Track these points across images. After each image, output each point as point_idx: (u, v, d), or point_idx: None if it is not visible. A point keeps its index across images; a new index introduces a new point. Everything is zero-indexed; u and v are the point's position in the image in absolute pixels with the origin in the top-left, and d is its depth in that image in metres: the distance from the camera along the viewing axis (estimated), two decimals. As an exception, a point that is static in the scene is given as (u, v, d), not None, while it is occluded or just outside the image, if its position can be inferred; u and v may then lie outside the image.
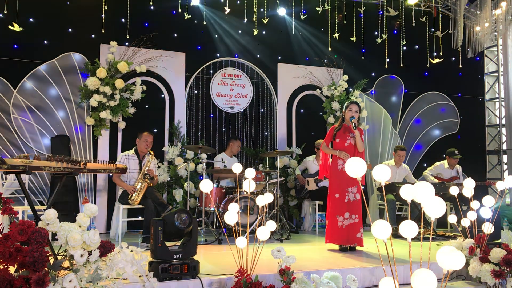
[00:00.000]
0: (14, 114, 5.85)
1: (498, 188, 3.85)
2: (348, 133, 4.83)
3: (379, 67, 7.87)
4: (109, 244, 2.87)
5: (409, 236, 1.81)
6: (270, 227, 3.21)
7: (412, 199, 1.89)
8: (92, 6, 6.28)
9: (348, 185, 4.71)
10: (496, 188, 4.50)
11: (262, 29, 7.19)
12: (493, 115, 8.98)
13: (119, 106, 6.14)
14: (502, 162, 8.61)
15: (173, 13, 6.75)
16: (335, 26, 7.40)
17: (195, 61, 6.90)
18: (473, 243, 3.93)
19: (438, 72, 8.22)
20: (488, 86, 8.97)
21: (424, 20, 7.93)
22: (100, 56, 6.28)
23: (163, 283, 3.13)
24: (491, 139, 8.87)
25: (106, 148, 6.29)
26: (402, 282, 3.70)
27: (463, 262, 1.80)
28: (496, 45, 8.80)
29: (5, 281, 2.26)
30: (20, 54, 6.01)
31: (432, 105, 8.27)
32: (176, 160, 6.39)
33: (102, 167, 4.03)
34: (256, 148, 7.11)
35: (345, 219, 4.68)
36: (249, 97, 7.18)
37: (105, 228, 6.08)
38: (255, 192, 5.61)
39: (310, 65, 7.46)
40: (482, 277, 3.67)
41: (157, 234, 3.23)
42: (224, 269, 3.52)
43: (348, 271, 3.59)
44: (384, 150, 7.66)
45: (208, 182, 3.39)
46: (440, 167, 6.91)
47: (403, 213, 7.06)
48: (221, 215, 5.14)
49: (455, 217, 4.07)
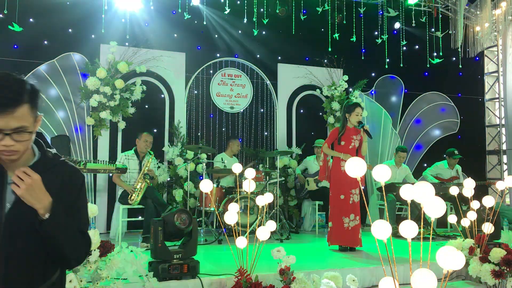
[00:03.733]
0: (14, 114, 5.84)
1: (498, 188, 3.85)
2: (352, 135, 4.82)
3: (379, 67, 7.86)
4: (109, 244, 2.87)
5: (409, 236, 1.81)
6: (270, 227, 3.21)
7: (412, 199, 1.89)
8: (92, 6, 6.28)
9: (352, 186, 4.72)
10: (496, 188, 4.50)
11: (262, 29, 7.19)
12: (493, 115, 8.98)
13: (119, 106, 6.14)
14: (502, 162, 8.61)
15: (173, 13, 6.75)
16: (335, 26, 7.39)
17: (195, 61, 6.90)
18: (473, 243, 3.93)
19: (438, 72, 8.22)
20: (488, 86, 8.97)
21: (424, 20, 7.93)
22: (100, 56, 6.28)
23: (163, 283, 3.13)
24: (491, 139, 8.87)
25: (106, 148, 6.28)
26: (402, 282, 3.70)
27: (463, 262, 1.80)
28: (496, 45, 8.80)
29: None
30: (20, 54, 6.00)
31: (432, 105, 8.27)
32: (176, 160, 6.39)
33: (102, 167, 4.04)
34: (256, 148, 7.11)
35: (350, 220, 4.69)
36: (249, 97, 7.18)
37: (105, 228, 6.08)
38: (255, 192, 5.61)
39: (310, 65, 7.45)
40: (482, 277, 3.68)
41: (157, 234, 3.24)
42: (224, 269, 3.52)
43: (348, 271, 3.59)
44: (384, 150, 7.65)
45: (208, 182, 3.39)
46: (440, 167, 6.91)
47: (403, 213, 7.06)
48: (221, 215, 5.14)
49: (455, 217, 4.07)
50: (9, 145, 1.30)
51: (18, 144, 1.31)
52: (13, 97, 1.30)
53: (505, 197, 7.84)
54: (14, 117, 1.29)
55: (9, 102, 1.29)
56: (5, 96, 1.29)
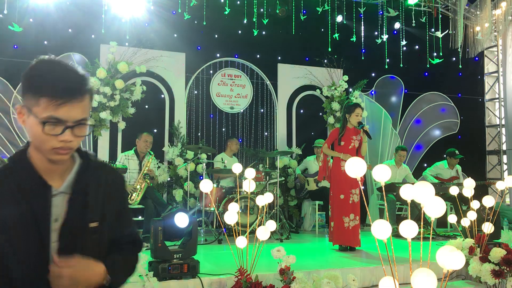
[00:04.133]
0: (14, 114, 5.85)
1: (498, 188, 3.85)
2: (351, 136, 4.82)
3: (379, 67, 7.86)
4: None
5: (409, 236, 1.81)
6: (270, 227, 3.21)
7: (412, 199, 1.89)
8: (92, 6, 6.28)
9: (352, 186, 4.72)
10: (496, 188, 4.50)
11: (262, 29, 7.19)
12: (493, 115, 8.98)
13: (119, 107, 6.14)
14: (502, 162, 8.61)
15: (173, 13, 6.75)
16: (335, 26, 7.40)
17: (195, 61, 6.90)
18: (473, 243, 3.94)
19: (438, 72, 8.22)
20: (488, 87, 8.97)
21: (424, 20, 7.93)
22: (100, 57, 6.28)
23: (163, 283, 3.13)
24: (491, 139, 8.87)
25: (106, 148, 6.28)
26: (402, 282, 3.70)
27: (463, 262, 1.80)
28: (496, 45, 8.80)
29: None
30: (20, 54, 6.00)
31: (432, 105, 8.27)
32: (176, 160, 6.39)
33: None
34: (256, 148, 7.11)
35: (350, 220, 4.69)
36: (249, 98, 7.18)
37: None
38: (255, 192, 5.61)
39: (310, 65, 7.45)
40: (482, 277, 3.67)
41: (157, 234, 3.23)
42: (224, 269, 3.52)
43: (348, 271, 3.60)
44: (384, 150, 7.65)
45: (208, 182, 3.39)
46: (440, 167, 6.91)
47: (403, 213, 7.06)
48: (221, 215, 5.14)
49: (455, 217, 4.07)
50: (68, 141, 1.11)
51: (75, 140, 1.13)
52: (81, 81, 1.12)
53: (505, 197, 7.84)
54: (80, 106, 1.11)
55: (78, 87, 1.10)
56: (74, 80, 1.10)
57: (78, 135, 1.12)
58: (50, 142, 1.10)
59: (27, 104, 1.09)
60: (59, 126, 1.08)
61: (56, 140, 1.09)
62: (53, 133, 1.08)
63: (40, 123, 1.07)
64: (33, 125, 1.09)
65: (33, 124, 1.09)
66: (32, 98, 1.08)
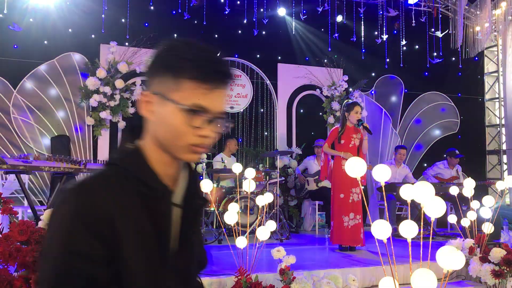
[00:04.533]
0: (14, 114, 5.85)
1: (498, 188, 3.85)
2: (351, 134, 4.82)
3: (379, 67, 7.86)
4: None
5: (409, 236, 1.81)
6: (270, 227, 3.21)
7: (412, 199, 1.89)
8: (92, 6, 6.28)
9: (352, 185, 4.71)
10: (496, 188, 4.50)
11: (262, 29, 7.19)
12: (493, 115, 8.98)
13: (119, 106, 6.14)
14: (502, 162, 8.61)
15: (173, 13, 6.75)
16: (335, 26, 7.40)
17: (195, 61, 6.88)
18: (473, 243, 3.93)
19: (438, 72, 8.22)
20: (488, 86, 8.97)
21: (424, 20, 7.93)
22: (100, 56, 6.28)
23: (163, 283, 3.13)
24: (491, 139, 8.87)
25: (106, 148, 6.28)
26: (402, 282, 3.70)
27: (463, 262, 1.80)
28: (496, 45, 8.80)
29: (5, 281, 2.26)
30: (20, 54, 6.00)
31: (432, 105, 8.26)
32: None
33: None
34: (256, 148, 7.11)
35: (350, 219, 4.68)
36: (249, 97, 7.18)
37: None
38: (255, 192, 5.61)
39: (310, 65, 7.45)
40: (482, 277, 3.67)
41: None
42: (224, 269, 3.52)
43: (348, 271, 3.60)
44: (384, 150, 7.65)
45: (208, 182, 3.39)
46: (440, 167, 6.90)
47: (403, 213, 7.06)
48: (221, 215, 5.14)
49: (455, 217, 4.07)
50: (209, 137, 0.92)
51: (214, 137, 0.94)
52: (229, 65, 0.97)
53: (505, 197, 7.84)
54: (226, 95, 0.97)
55: (229, 71, 0.95)
56: (223, 62, 0.94)
57: (218, 131, 0.94)
58: (187, 137, 0.89)
59: (161, 89, 0.89)
60: (203, 117, 0.89)
61: (195, 134, 0.90)
62: (198, 125, 0.89)
63: (184, 110, 0.87)
64: (170, 115, 0.88)
65: (169, 114, 0.88)
66: (171, 81, 0.88)
